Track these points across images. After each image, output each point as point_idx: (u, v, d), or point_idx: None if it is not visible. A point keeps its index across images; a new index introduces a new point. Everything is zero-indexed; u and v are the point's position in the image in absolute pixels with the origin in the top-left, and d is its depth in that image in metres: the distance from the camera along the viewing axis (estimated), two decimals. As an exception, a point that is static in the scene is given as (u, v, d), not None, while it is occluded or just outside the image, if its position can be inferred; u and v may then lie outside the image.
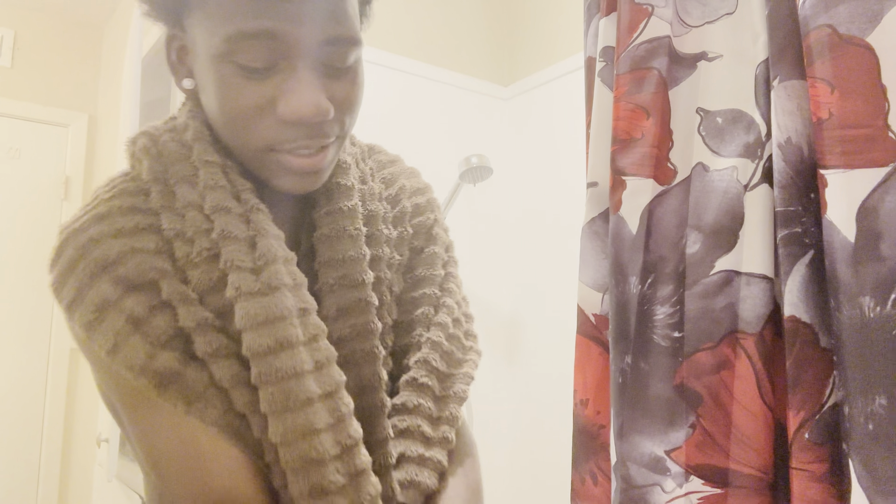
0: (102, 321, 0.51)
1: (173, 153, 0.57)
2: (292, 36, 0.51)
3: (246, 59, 0.51)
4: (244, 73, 0.52)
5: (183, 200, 0.55)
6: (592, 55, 1.00)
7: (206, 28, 0.52)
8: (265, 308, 0.52)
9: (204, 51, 0.53)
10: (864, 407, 0.64)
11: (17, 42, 2.63)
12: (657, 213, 0.87)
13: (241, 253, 0.53)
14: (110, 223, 0.53)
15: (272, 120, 0.53)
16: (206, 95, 0.56)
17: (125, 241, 0.53)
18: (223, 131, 0.56)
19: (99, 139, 2.70)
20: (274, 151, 0.54)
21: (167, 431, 0.52)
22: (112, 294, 0.51)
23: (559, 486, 1.26)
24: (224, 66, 0.52)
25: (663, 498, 0.80)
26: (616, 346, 0.87)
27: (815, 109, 0.70)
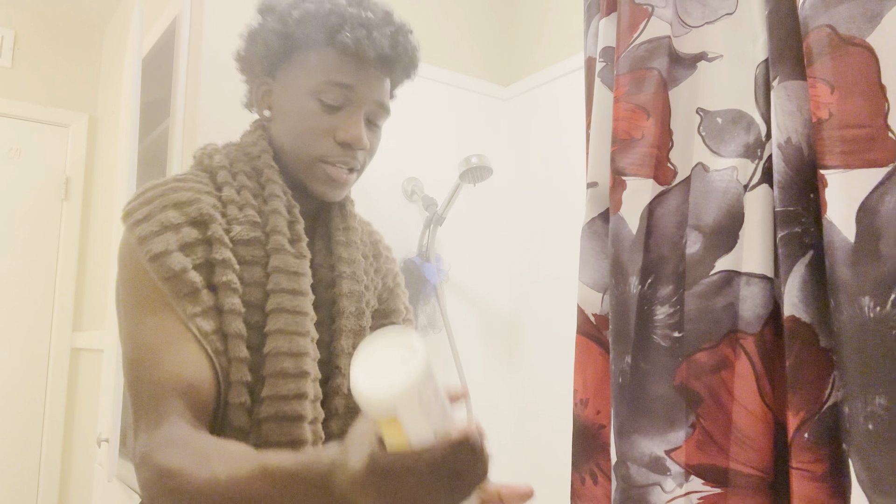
0: (159, 236, 0.71)
1: (237, 155, 0.83)
2: (361, 92, 0.80)
3: (327, 98, 0.79)
4: (322, 107, 0.79)
5: (240, 183, 0.80)
6: (592, 55, 1.01)
7: (302, 75, 0.80)
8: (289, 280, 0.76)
9: (295, 89, 0.80)
10: (863, 407, 0.64)
11: (18, 42, 2.64)
12: (657, 213, 0.87)
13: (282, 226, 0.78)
14: (185, 183, 0.77)
15: (330, 140, 0.80)
16: (280, 121, 0.83)
17: (194, 194, 0.75)
18: (289, 144, 0.81)
19: (99, 139, 2.70)
20: (322, 162, 0.80)
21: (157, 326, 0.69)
22: (175, 220, 0.72)
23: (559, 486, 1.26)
24: (310, 100, 0.79)
25: (663, 498, 0.80)
26: (616, 346, 0.87)
27: (815, 109, 0.70)
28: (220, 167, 0.81)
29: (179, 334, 0.69)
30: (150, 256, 0.69)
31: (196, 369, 0.68)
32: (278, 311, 0.75)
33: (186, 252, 0.71)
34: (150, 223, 0.71)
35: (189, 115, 1.66)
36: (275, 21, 0.82)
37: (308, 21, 0.79)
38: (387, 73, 0.83)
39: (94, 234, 2.59)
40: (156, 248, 0.70)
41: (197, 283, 0.70)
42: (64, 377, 2.59)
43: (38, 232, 2.61)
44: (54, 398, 2.56)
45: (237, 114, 1.66)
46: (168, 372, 0.67)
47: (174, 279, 0.69)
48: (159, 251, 0.70)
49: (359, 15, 0.79)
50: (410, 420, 0.48)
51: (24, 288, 2.56)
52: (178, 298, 0.69)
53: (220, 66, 1.65)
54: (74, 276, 2.64)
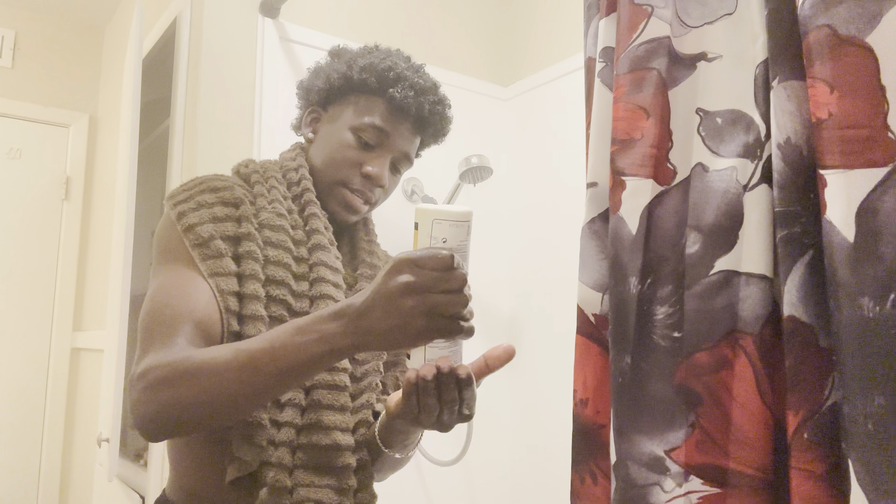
0: (195, 212, 0.83)
1: (271, 167, 0.95)
2: (394, 140, 0.94)
3: (364, 136, 0.93)
4: (358, 143, 0.93)
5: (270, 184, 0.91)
6: (592, 55, 1.01)
7: (350, 112, 0.94)
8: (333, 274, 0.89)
9: (340, 122, 0.94)
10: (863, 407, 0.64)
11: (18, 42, 2.64)
12: (657, 213, 0.87)
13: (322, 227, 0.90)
14: (221, 176, 0.89)
15: (356, 171, 0.93)
16: (319, 145, 0.96)
17: (228, 183, 0.87)
18: (321, 165, 0.94)
19: (99, 139, 2.70)
20: (344, 187, 0.93)
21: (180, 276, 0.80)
22: (210, 200, 0.85)
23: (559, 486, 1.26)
24: (349, 134, 0.93)
25: (663, 497, 0.80)
26: (616, 346, 0.87)
27: (815, 110, 0.70)
28: (254, 172, 0.93)
29: (200, 284, 0.79)
30: (185, 227, 0.82)
31: (208, 311, 0.78)
32: (326, 297, 0.86)
33: (217, 225, 0.83)
34: (188, 203, 0.84)
35: (189, 115, 1.66)
36: (342, 63, 0.96)
37: (370, 71, 0.93)
38: (419, 133, 0.98)
39: (95, 234, 2.59)
40: (190, 221, 0.82)
41: (222, 249, 0.81)
42: (64, 377, 2.59)
43: (38, 232, 2.61)
44: (54, 398, 2.56)
45: (237, 114, 1.67)
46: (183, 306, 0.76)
47: (203, 245, 0.81)
48: (193, 223, 0.82)
49: (412, 79, 0.94)
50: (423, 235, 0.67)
51: (24, 288, 2.56)
52: (203, 260, 0.80)
53: (220, 66, 1.65)
54: (74, 276, 2.64)
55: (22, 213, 2.59)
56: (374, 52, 0.98)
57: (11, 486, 2.49)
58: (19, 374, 2.53)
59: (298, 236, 0.88)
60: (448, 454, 1.84)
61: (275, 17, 1.71)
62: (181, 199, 0.85)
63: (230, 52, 1.66)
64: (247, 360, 0.67)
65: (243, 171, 0.94)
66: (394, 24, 1.98)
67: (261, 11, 1.69)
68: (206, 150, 1.60)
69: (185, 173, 1.64)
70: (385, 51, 0.99)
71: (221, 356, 0.68)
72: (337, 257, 0.90)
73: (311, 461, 0.80)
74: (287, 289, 0.84)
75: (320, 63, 1.01)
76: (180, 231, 0.82)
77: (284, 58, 1.72)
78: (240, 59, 1.67)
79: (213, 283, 0.79)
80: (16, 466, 2.50)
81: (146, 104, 1.92)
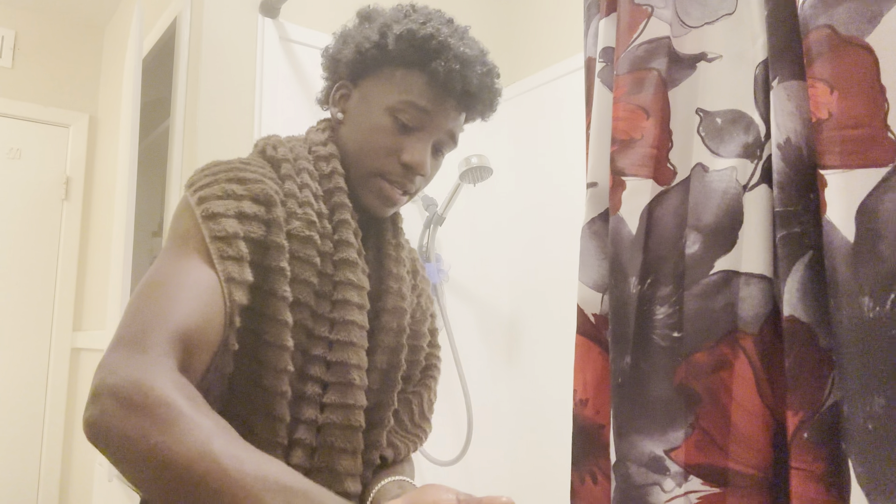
0: (220, 200, 0.69)
1: (301, 152, 0.81)
2: (437, 119, 0.80)
3: (403, 117, 0.79)
4: (396, 125, 0.79)
5: (303, 180, 0.78)
6: (592, 56, 1.01)
7: (385, 89, 0.80)
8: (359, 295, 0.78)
9: (374, 101, 0.81)
10: (863, 407, 0.64)
11: (18, 42, 2.64)
12: (657, 213, 0.87)
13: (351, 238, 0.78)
14: (250, 165, 0.76)
15: (394, 159, 0.80)
16: (350, 127, 0.83)
17: (259, 176, 0.74)
18: (354, 152, 0.82)
19: (99, 139, 2.70)
20: (380, 178, 0.81)
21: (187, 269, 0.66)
22: (238, 192, 0.71)
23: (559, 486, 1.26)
24: (386, 116, 0.79)
25: (662, 497, 0.80)
26: (616, 346, 0.87)
27: (815, 110, 0.70)
28: (284, 160, 0.79)
29: (207, 285, 0.65)
30: (205, 214, 0.68)
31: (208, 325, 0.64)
32: (350, 323, 0.75)
33: (242, 222, 0.69)
34: (212, 188, 0.70)
35: (189, 115, 1.66)
36: (373, 30, 0.81)
37: (408, 40, 0.79)
38: (465, 109, 0.84)
39: (94, 234, 2.59)
40: (213, 209, 0.68)
41: (244, 253, 0.68)
42: (64, 377, 2.59)
43: (38, 232, 2.61)
44: (54, 398, 2.56)
45: (237, 114, 1.67)
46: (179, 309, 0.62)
47: (223, 241, 0.67)
48: (216, 211, 0.68)
49: (457, 48, 0.79)
50: None
51: (24, 288, 2.56)
52: (222, 258, 0.66)
53: (220, 66, 1.65)
54: (74, 276, 2.64)
55: (22, 213, 2.59)
56: (411, 15, 0.83)
57: (11, 486, 2.49)
58: (19, 374, 2.53)
59: (325, 247, 0.77)
60: (448, 454, 1.84)
61: (275, 17, 1.71)
62: (204, 184, 0.71)
63: (230, 52, 1.66)
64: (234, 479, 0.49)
65: (271, 153, 0.80)
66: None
67: (261, 11, 1.69)
68: (206, 150, 1.60)
69: (185, 173, 1.64)
70: (423, 12, 0.83)
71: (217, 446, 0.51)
72: (364, 271, 0.80)
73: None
74: (308, 311, 0.74)
75: (347, 27, 0.87)
76: (199, 217, 0.68)
77: (284, 58, 1.72)
78: (240, 59, 1.67)
79: (227, 290, 0.66)
80: (16, 466, 2.50)
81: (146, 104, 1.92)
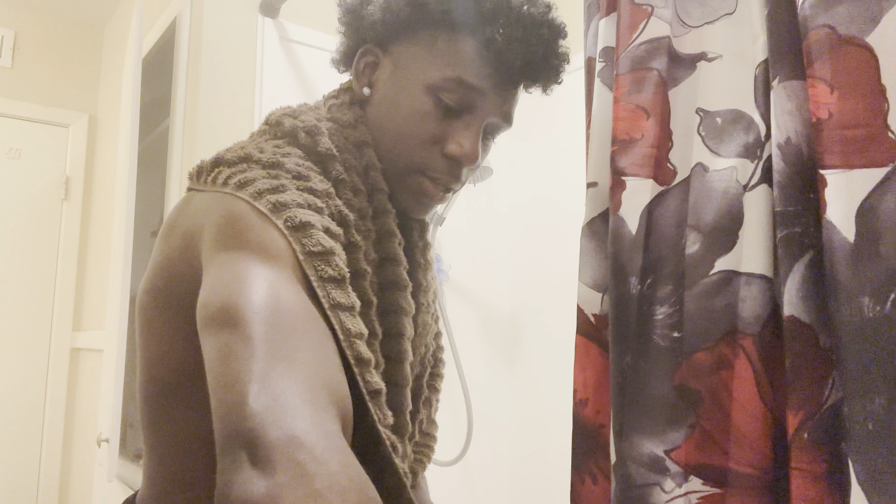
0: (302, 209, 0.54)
1: (342, 143, 0.65)
2: (490, 99, 0.64)
3: (448, 98, 0.63)
4: (438, 108, 0.63)
5: (354, 184, 0.63)
6: (592, 55, 1.00)
7: (425, 62, 0.64)
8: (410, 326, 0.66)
9: (411, 76, 0.64)
10: (863, 407, 0.64)
11: (18, 42, 2.64)
12: (657, 213, 0.87)
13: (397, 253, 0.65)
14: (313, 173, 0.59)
15: (437, 151, 0.65)
16: (381, 108, 0.66)
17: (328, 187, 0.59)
18: (386, 142, 0.66)
19: (99, 139, 2.70)
20: (419, 174, 0.66)
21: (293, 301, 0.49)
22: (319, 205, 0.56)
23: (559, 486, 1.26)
24: (426, 96, 0.63)
25: (662, 498, 0.80)
26: (616, 346, 0.87)
27: (815, 109, 0.70)
28: (330, 156, 0.63)
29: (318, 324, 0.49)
30: (292, 224, 0.52)
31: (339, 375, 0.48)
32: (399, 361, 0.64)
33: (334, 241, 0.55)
34: (286, 195, 0.54)
35: (189, 115, 1.66)
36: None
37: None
38: (523, 83, 0.68)
39: (94, 234, 2.60)
40: (301, 217, 0.53)
41: (344, 272, 0.53)
42: (64, 377, 2.59)
43: (38, 232, 2.61)
44: (54, 398, 2.56)
45: (237, 114, 1.67)
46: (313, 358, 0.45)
47: (321, 256, 0.52)
48: (306, 220, 0.53)
49: (520, 8, 0.63)
50: None
51: (24, 288, 2.56)
52: (321, 281, 0.51)
53: (220, 66, 1.65)
54: (74, 276, 2.64)
55: (22, 213, 2.59)
56: None
57: (11, 486, 2.49)
58: (19, 374, 2.53)
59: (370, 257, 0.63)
60: (448, 454, 1.84)
61: (275, 16, 1.71)
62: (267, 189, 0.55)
63: (230, 52, 1.66)
64: None
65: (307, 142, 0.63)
66: (394, 24, 1.98)
67: (261, 11, 1.69)
68: (205, 150, 1.60)
69: (185, 173, 1.64)
70: None
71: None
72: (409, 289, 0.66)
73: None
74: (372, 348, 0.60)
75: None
76: (282, 225, 0.52)
77: (284, 58, 1.72)
78: (240, 59, 1.67)
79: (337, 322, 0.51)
80: (16, 466, 2.50)
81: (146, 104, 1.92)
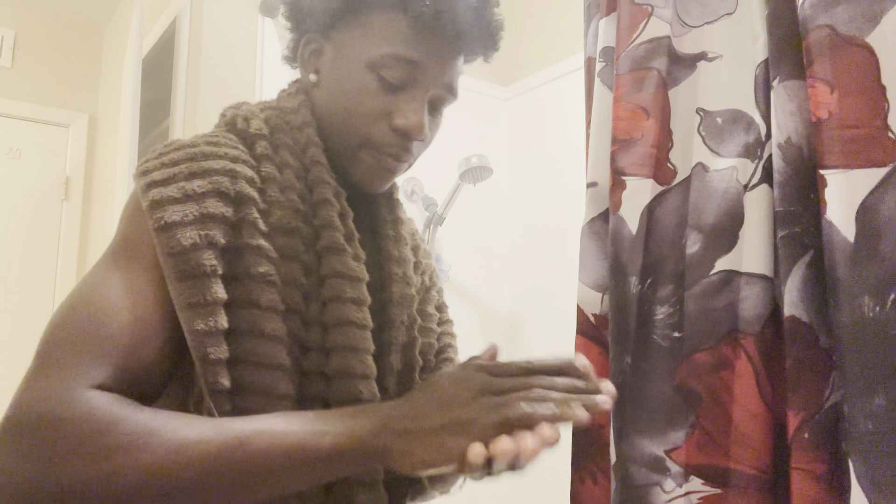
0: (178, 204, 0.57)
1: (277, 123, 0.69)
2: (429, 71, 0.67)
3: (389, 75, 0.66)
4: (381, 84, 0.66)
5: (282, 159, 0.66)
6: (592, 55, 1.00)
7: (362, 43, 0.67)
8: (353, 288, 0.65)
9: (352, 57, 0.67)
10: (863, 407, 0.64)
11: (18, 42, 2.64)
12: (657, 213, 0.87)
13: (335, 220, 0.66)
14: (218, 149, 0.62)
15: (384, 124, 0.67)
16: (328, 92, 0.70)
17: (229, 163, 0.62)
18: (335, 121, 0.69)
19: (99, 139, 2.70)
20: (370, 149, 0.68)
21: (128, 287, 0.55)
22: (201, 189, 0.59)
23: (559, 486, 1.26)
24: (368, 75, 0.66)
25: (663, 498, 0.80)
26: (616, 346, 0.87)
27: (815, 109, 0.70)
28: (259, 135, 0.67)
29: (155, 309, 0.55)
30: (159, 225, 0.56)
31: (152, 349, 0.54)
32: (345, 324, 0.64)
33: (207, 228, 0.57)
34: (169, 188, 0.58)
35: (189, 115, 1.66)
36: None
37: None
38: (462, 52, 0.70)
39: (94, 234, 2.59)
40: (169, 217, 0.56)
41: (207, 268, 0.56)
42: (64, 377, 2.58)
43: (38, 232, 2.61)
44: (54, 398, 2.56)
45: (237, 114, 1.67)
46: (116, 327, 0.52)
47: (180, 256, 0.55)
48: (172, 221, 0.56)
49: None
50: None
51: (24, 288, 2.56)
52: (177, 281, 0.55)
53: (220, 66, 1.65)
54: (74, 277, 2.64)
55: (22, 213, 2.58)
56: None
57: (11, 486, 2.48)
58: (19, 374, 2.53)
59: (307, 234, 0.65)
60: (448, 454, 1.84)
61: (275, 17, 1.71)
62: (158, 181, 0.59)
63: (230, 52, 1.66)
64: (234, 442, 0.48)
65: (242, 126, 0.68)
66: (394, 23, 1.98)
67: (261, 11, 1.69)
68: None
69: (185, 173, 1.64)
70: None
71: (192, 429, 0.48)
72: (358, 258, 0.67)
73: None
74: (299, 318, 0.62)
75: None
76: (151, 227, 0.57)
77: (284, 58, 1.72)
78: (240, 59, 1.67)
79: (185, 319, 0.55)
80: (16, 466, 2.50)
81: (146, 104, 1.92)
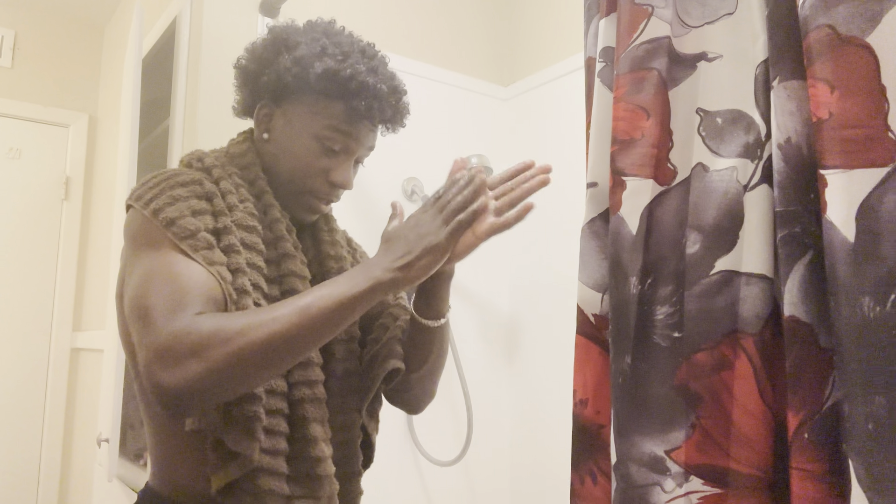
0: (172, 205, 0.78)
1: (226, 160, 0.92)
2: (359, 140, 0.90)
3: (329, 142, 0.88)
4: (322, 149, 0.89)
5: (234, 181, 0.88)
6: (592, 55, 1.00)
7: (309, 116, 0.88)
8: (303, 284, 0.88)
9: (300, 126, 0.89)
10: (863, 407, 0.64)
11: (17, 42, 2.64)
12: (657, 213, 0.87)
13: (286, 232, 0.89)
14: (185, 173, 0.85)
15: (322, 179, 0.90)
16: (277, 147, 0.91)
17: (196, 175, 0.84)
18: (281, 171, 0.91)
19: (99, 139, 2.70)
20: (309, 196, 0.91)
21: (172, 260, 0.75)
22: (183, 194, 0.80)
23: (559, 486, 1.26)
24: (312, 141, 0.88)
25: (663, 498, 0.80)
26: (616, 346, 0.87)
27: (815, 109, 0.70)
28: (214, 165, 0.88)
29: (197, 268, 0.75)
30: (166, 222, 0.77)
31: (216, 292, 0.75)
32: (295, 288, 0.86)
33: (198, 219, 0.79)
34: (160, 199, 0.79)
35: (189, 115, 1.66)
36: (295, 63, 0.87)
37: (329, 79, 0.86)
38: (379, 127, 0.95)
39: (94, 234, 2.59)
40: (171, 215, 0.77)
41: (211, 241, 0.78)
42: (64, 377, 2.59)
43: (38, 232, 2.61)
44: (54, 398, 2.56)
45: (237, 114, 1.67)
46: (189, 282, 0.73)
47: (192, 237, 0.77)
48: (175, 216, 0.77)
49: (374, 87, 0.88)
50: None
51: (24, 288, 2.56)
52: (196, 250, 0.76)
53: (220, 66, 1.64)
54: (74, 276, 2.64)
55: (22, 212, 2.58)
56: (328, 49, 0.88)
57: (11, 486, 2.48)
58: (19, 374, 2.53)
59: (267, 238, 0.87)
60: (448, 454, 1.84)
61: (275, 16, 1.71)
62: (151, 198, 0.80)
63: (230, 52, 1.65)
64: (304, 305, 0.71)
65: (198, 166, 0.89)
66: (393, 23, 1.98)
67: (261, 11, 1.69)
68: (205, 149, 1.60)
69: (185, 173, 1.64)
70: (339, 48, 0.89)
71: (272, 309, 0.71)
72: (303, 262, 0.89)
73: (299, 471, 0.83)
74: (261, 293, 0.81)
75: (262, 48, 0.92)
76: (160, 226, 0.77)
77: (284, 58, 1.72)
78: (240, 59, 1.66)
79: (216, 272, 0.76)
80: (16, 466, 2.50)
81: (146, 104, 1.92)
